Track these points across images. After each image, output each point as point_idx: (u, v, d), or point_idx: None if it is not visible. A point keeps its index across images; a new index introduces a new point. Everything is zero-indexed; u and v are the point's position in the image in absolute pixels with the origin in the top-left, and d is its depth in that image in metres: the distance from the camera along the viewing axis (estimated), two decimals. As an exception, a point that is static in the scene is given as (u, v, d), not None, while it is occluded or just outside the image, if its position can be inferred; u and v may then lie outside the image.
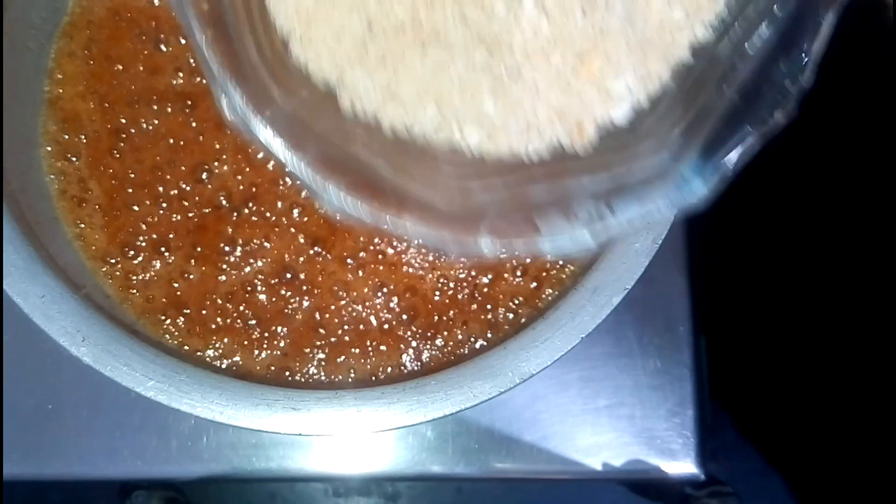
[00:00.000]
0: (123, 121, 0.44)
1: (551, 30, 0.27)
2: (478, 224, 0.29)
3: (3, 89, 0.40)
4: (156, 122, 0.44)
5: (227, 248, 0.43)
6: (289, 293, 0.43)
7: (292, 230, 0.44)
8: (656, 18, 0.28)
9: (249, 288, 0.43)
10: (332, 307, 0.43)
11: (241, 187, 0.44)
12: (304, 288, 0.43)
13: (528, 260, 0.43)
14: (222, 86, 0.28)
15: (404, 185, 0.29)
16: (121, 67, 0.44)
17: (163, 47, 0.44)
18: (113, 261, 0.43)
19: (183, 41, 0.44)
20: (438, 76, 0.28)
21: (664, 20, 0.28)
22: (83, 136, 0.44)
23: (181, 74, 0.44)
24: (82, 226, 0.43)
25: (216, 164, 0.44)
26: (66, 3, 0.44)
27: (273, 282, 0.43)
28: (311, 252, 0.43)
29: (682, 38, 0.28)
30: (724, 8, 0.28)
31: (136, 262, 0.43)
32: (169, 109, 0.44)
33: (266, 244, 0.43)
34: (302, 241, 0.43)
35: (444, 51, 0.28)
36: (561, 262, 0.43)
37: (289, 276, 0.43)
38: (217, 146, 0.44)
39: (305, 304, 0.43)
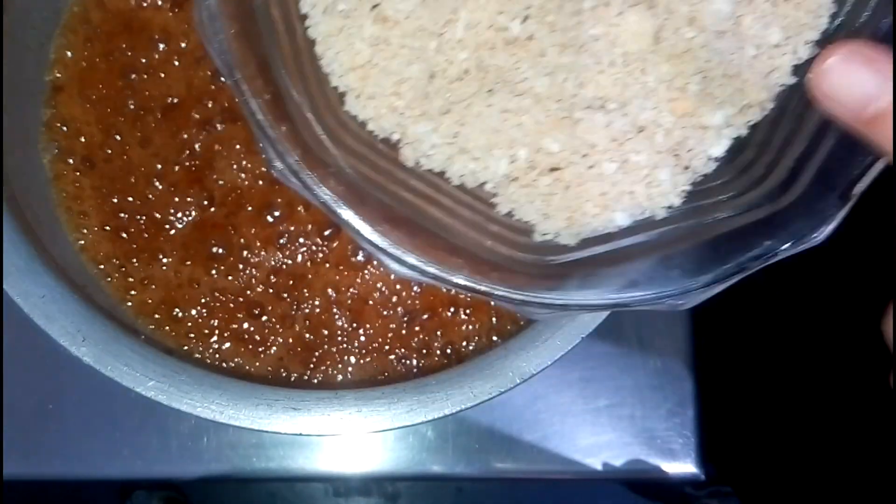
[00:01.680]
0: (121, 121, 0.44)
1: (635, 67, 0.25)
2: (563, 281, 0.26)
3: (3, 89, 0.40)
4: (153, 123, 0.44)
5: (224, 251, 0.43)
6: (287, 294, 0.43)
7: (291, 230, 0.44)
8: (751, 43, 0.25)
9: (248, 289, 0.43)
10: (332, 308, 0.43)
11: (238, 190, 0.44)
12: (304, 290, 0.43)
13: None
14: (276, 144, 0.26)
15: (476, 243, 0.27)
16: (119, 69, 0.44)
17: (161, 46, 0.44)
18: (112, 261, 0.43)
19: (183, 45, 0.44)
20: (509, 123, 0.26)
21: (760, 45, 0.25)
22: (82, 137, 0.44)
23: (178, 75, 0.44)
24: (82, 227, 0.43)
25: (214, 165, 0.44)
26: (65, 3, 0.44)
27: (272, 283, 0.43)
28: (310, 253, 0.43)
29: (784, 62, 0.25)
30: (827, 21, 0.25)
31: (134, 263, 0.43)
32: (166, 110, 0.44)
33: (263, 245, 0.44)
34: (300, 242, 0.43)
35: (513, 96, 0.25)
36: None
37: (287, 278, 0.43)
38: (216, 147, 0.44)
39: (304, 305, 0.43)
